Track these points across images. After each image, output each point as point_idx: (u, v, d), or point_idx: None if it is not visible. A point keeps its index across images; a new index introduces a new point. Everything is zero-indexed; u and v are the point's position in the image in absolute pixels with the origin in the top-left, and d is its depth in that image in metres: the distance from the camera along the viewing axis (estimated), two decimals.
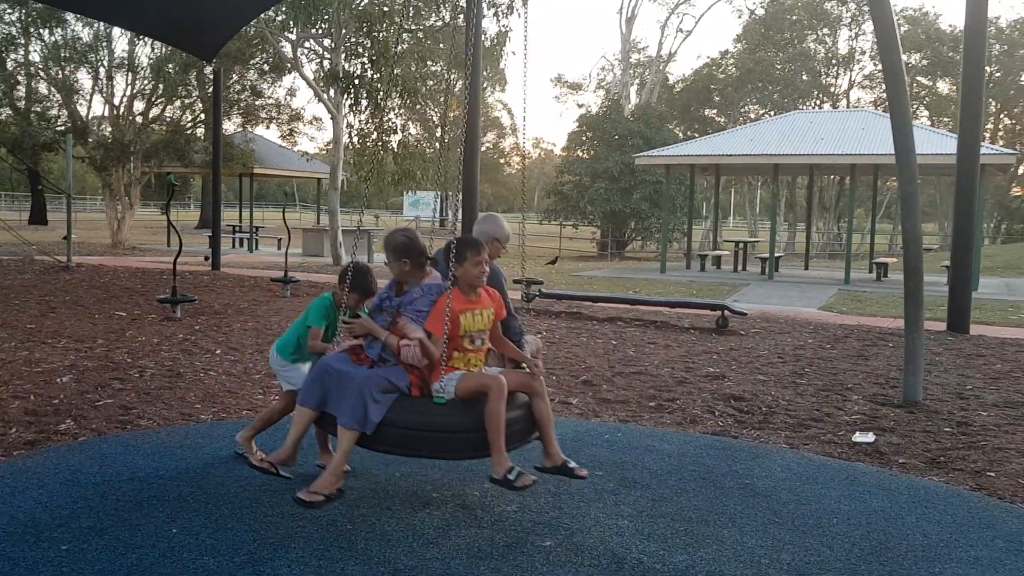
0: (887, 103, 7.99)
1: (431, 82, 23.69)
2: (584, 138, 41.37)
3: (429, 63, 23.14)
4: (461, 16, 19.03)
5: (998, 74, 49.13)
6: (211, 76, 22.00)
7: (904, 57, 43.59)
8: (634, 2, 51.52)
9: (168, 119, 28.92)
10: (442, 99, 26.42)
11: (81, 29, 27.54)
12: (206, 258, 20.20)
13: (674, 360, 9.39)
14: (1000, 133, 53.22)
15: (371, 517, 4.35)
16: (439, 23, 22.97)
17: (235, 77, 28.30)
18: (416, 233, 4.72)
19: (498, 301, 4.51)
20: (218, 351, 9.01)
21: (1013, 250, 34.08)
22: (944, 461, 5.79)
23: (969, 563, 4.05)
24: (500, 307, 4.52)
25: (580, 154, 41.52)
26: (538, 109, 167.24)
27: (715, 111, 53.23)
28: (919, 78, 49.19)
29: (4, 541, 3.90)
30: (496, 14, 21.02)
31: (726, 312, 12.17)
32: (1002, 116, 53.61)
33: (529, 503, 4.63)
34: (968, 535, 4.42)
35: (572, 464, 4.44)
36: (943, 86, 49.78)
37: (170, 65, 25.69)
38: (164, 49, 25.62)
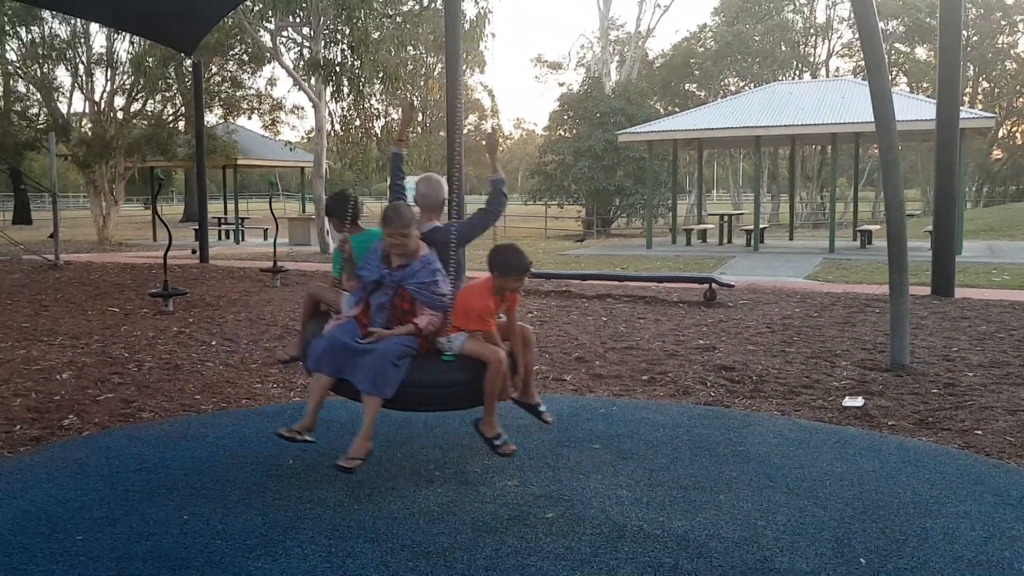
0: (866, 71, 8.08)
1: (411, 66, 23.58)
2: (566, 117, 41.33)
3: (409, 48, 23.06)
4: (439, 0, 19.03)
5: (975, 38, 49.28)
6: (191, 69, 21.95)
7: (881, 24, 43.75)
8: None
9: (150, 113, 28.84)
10: (423, 83, 26.31)
11: (58, 26, 27.44)
12: (193, 251, 20.20)
13: (664, 334, 9.51)
14: (979, 97, 53.36)
15: (377, 497, 4.45)
16: (417, 7, 22.92)
17: (215, 69, 28.21)
18: None
19: (509, 299, 4.92)
20: (213, 342, 9.08)
21: (995, 213, 34.33)
22: (932, 422, 5.93)
23: (959, 517, 4.18)
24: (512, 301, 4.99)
25: (562, 133, 41.50)
26: (519, 89, 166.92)
27: (695, 85, 53.19)
28: (897, 45, 49.28)
29: (20, 534, 3.99)
30: None
31: (713, 285, 12.29)
32: (980, 80, 53.78)
33: (530, 477, 4.74)
34: (957, 491, 4.54)
35: (543, 408, 5.14)
36: (921, 52, 49.89)
37: (150, 59, 25.61)
38: (143, 43, 25.52)
